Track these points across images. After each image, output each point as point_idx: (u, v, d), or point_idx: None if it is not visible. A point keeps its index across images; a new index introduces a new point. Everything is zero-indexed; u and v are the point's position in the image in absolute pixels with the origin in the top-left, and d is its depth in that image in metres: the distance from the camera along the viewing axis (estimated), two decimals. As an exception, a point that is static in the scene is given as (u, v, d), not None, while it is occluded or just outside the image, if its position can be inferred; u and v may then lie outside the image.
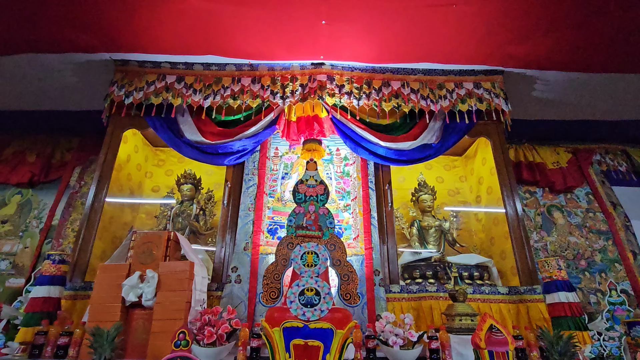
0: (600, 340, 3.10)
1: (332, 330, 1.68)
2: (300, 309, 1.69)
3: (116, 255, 2.58)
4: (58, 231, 3.81)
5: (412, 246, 3.37)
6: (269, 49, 3.23)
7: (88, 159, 4.28)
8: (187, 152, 3.14)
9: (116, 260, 2.54)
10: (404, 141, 3.15)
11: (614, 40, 3.04)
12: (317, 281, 1.76)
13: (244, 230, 2.91)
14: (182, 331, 1.44)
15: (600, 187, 4.25)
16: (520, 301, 2.76)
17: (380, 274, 2.78)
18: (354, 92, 3.20)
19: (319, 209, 2.16)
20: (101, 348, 1.76)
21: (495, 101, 3.28)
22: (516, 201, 3.13)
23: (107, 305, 2.19)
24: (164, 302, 2.21)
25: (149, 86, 3.17)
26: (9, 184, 4.08)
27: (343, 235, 3.01)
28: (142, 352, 2.14)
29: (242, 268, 2.75)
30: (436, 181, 4.07)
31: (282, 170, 3.26)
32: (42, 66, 3.40)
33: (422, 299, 2.76)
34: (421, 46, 3.23)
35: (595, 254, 3.85)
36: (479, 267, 3.09)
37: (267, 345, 1.73)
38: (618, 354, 3.01)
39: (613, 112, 4.04)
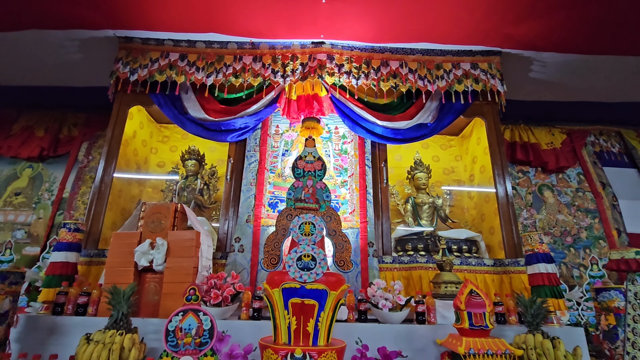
0: (579, 310, 3.32)
1: (326, 291, 1.86)
2: (298, 273, 1.86)
3: (127, 224, 2.76)
4: (69, 203, 3.99)
5: (406, 221, 3.54)
6: (270, 27, 3.28)
7: (95, 134, 4.41)
8: (191, 129, 3.26)
9: (127, 229, 2.72)
10: (400, 120, 3.26)
11: (610, 22, 3.09)
12: (314, 248, 1.93)
13: (246, 203, 3.08)
14: (193, 287, 1.62)
15: (592, 167, 4.38)
16: (504, 272, 2.96)
17: (374, 246, 2.97)
18: (353, 71, 3.28)
19: (317, 183, 2.31)
20: (119, 305, 1.96)
21: (491, 82, 3.36)
22: (506, 180, 3.27)
23: (121, 269, 2.39)
24: (173, 267, 2.40)
25: (153, 63, 3.25)
26: (19, 157, 4.23)
27: (340, 210, 3.18)
28: (154, 311, 2.36)
29: (244, 239, 2.94)
30: (432, 160, 4.21)
31: (283, 148, 3.39)
32: (47, 42, 3.47)
33: (413, 269, 2.96)
34: (420, 26, 3.27)
35: (582, 231, 4.03)
36: (468, 242, 3.28)
37: (268, 303, 1.92)
38: (594, 322, 3.23)
39: (608, 93, 4.11)
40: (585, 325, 3.00)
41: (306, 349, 1.74)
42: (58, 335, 2.21)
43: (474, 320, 1.96)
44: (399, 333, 2.23)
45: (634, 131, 4.66)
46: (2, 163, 4.22)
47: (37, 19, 3.19)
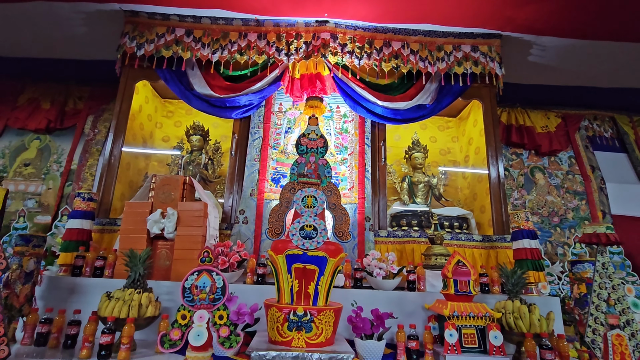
0: (559, 284, 3.56)
1: (326, 257, 2.04)
2: (300, 241, 2.03)
3: (138, 195, 2.91)
4: (77, 175, 4.13)
5: (401, 199, 3.71)
6: (275, 4, 3.31)
7: (100, 107, 4.49)
8: (197, 105, 3.36)
9: (139, 199, 2.88)
10: (400, 101, 3.36)
11: (610, 8, 3.15)
12: (315, 219, 2.09)
13: (250, 178, 3.23)
14: (207, 250, 1.79)
15: (583, 151, 4.53)
16: (491, 247, 3.17)
17: (370, 221, 3.15)
18: (355, 51, 3.35)
19: (319, 159, 2.44)
20: (135, 267, 2.14)
21: (490, 65, 3.44)
22: (499, 161, 3.42)
23: (134, 236, 2.56)
24: (183, 235, 2.57)
25: (159, 39, 3.31)
26: (27, 129, 4.32)
27: (339, 186, 3.33)
28: (166, 275, 2.55)
29: (248, 211, 3.11)
30: (430, 140, 4.34)
31: (286, 125, 3.50)
32: (53, 15, 3.50)
33: (406, 243, 3.16)
34: (423, 7, 3.32)
35: (569, 212, 4.23)
36: (459, 219, 3.46)
37: (272, 268, 2.11)
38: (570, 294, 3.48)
39: (605, 79, 4.20)
40: (563, 297, 3.23)
41: (307, 308, 1.94)
42: (78, 294, 2.40)
43: (459, 287, 2.16)
44: (391, 298, 2.44)
45: (627, 117, 4.78)
46: (10, 134, 4.32)
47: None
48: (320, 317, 1.94)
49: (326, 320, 1.95)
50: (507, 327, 2.12)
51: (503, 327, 2.13)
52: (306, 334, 1.90)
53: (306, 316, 1.92)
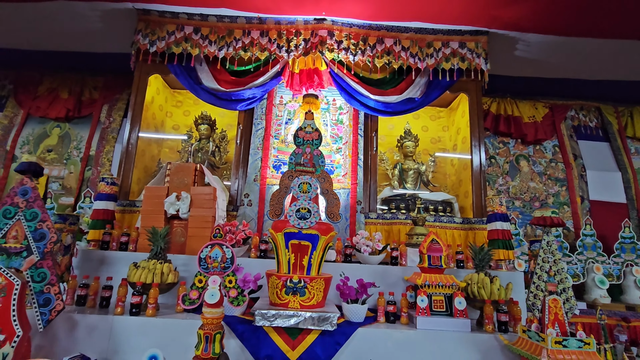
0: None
1: (318, 235, 2.40)
2: (296, 221, 2.39)
3: (155, 180, 3.28)
4: (96, 160, 4.50)
5: (392, 185, 4.05)
6: (276, 3, 3.56)
7: (113, 97, 4.81)
8: (205, 98, 3.67)
9: (156, 184, 3.24)
10: (391, 95, 3.64)
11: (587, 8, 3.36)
12: (309, 203, 2.44)
13: (254, 165, 3.58)
14: (218, 227, 2.15)
15: (568, 140, 4.80)
16: (470, 229, 3.52)
17: (361, 204, 3.51)
18: (351, 47, 3.61)
19: (314, 150, 2.77)
20: (157, 242, 2.52)
21: (476, 61, 3.69)
22: (481, 150, 3.73)
23: (153, 216, 2.94)
24: (196, 216, 2.95)
25: (170, 36, 3.59)
26: (47, 117, 4.67)
27: (334, 173, 3.68)
28: (181, 249, 2.94)
29: (252, 195, 3.47)
30: (421, 130, 4.63)
31: (286, 116, 3.81)
32: (72, 12, 3.76)
33: (393, 224, 3.52)
34: (414, 5, 3.54)
35: (549, 197, 4.55)
36: (444, 203, 3.80)
37: (272, 244, 2.48)
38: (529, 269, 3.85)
39: (588, 72, 4.42)
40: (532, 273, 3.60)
41: (301, 277, 2.32)
42: (107, 264, 2.81)
43: (432, 261, 2.53)
44: (376, 271, 2.82)
45: (612, 107, 5.00)
46: (32, 122, 4.68)
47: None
48: (312, 284, 2.32)
49: (317, 287, 2.33)
50: (471, 295, 2.49)
51: (468, 296, 2.51)
52: (300, 297, 2.29)
53: (300, 283, 2.30)
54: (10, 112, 4.71)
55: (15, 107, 4.73)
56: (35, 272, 1.98)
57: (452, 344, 2.26)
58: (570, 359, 1.78)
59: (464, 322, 2.33)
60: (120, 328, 2.22)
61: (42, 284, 1.97)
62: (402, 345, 2.25)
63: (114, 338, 2.20)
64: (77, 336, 2.19)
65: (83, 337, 2.19)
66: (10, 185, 4.42)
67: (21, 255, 1.99)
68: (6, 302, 1.85)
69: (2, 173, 4.44)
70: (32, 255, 1.99)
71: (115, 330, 2.21)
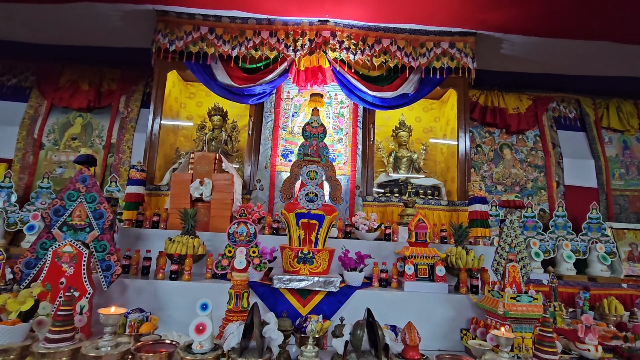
0: (511, 240, 4.44)
1: (323, 215, 2.87)
2: (306, 203, 2.86)
3: (180, 168, 3.73)
4: (117, 147, 4.91)
5: (387, 171, 4.52)
6: (284, 6, 3.91)
7: (130, 89, 5.17)
8: (219, 92, 4.06)
9: (181, 172, 3.69)
10: (387, 91, 4.06)
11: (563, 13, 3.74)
12: (316, 188, 2.90)
13: (265, 154, 4.02)
14: (243, 208, 2.61)
15: (548, 130, 5.25)
16: (454, 210, 4.02)
17: (360, 188, 3.98)
18: (351, 47, 4.00)
19: (319, 143, 3.21)
20: (187, 220, 2.99)
21: (464, 60, 4.09)
22: (466, 140, 4.19)
23: (180, 199, 3.40)
24: (217, 199, 3.42)
25: (187, 36, 3.94)
26: (70, 108, 5.04)
27: (335, 161, 4.13)
28: (205, 227, 3.42)
29: (264, 180, 3.93)
30: (415, 120, 5.07)
31: (293, 110, 4.23)
32: (95, 13, 4.09)
33: (387, 206, 4.01)
34: (409, 9, 3.91)
35: (529, 182, 5.04)
36: (432, 187, 4.29)
37: (285, 223, 2.95)
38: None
39: (569, 68, 4.83)
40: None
41: (310, 249, 2.81)
42: (142, 240, 3.29)
43: (418, 237, 3.03)
44: (371, 246, 3.32)
45: (591, 99, 5.44)
46: (56, 112, 5.05)
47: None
48: (319, 255, 2.82)
49: (323, 258, 2.83)
50: (450, 264, 3.01)
51: (448, 265, 3.02)
52: (309, 266, 2.79)
53: (309, 254, 2.80)
54: (35, 102, 5.07)
55: (39, 98, 5.09)
56: (97, 244, 2.45)
57: (433, 303, 2.78)
58: (521, 309, 2.30)
59: (443, 285, 2.85)
60: (163, 290, 2.72)
61: (103, 254, 2.45)
62: (392, 304, 2.77)
63: (157, 298, 2.70)
64: (128, 296, 2.68)
65: (132, 297, 2.69)
66: (39, 170, 4.85)
67: (85, 230, 2.46)
68: (78, 267, 2.33)
69: (32, 159, 4.85)
70: (94, 230, 2.46)
71: (159, 291, 2.71)
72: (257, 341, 1.89)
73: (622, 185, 5.13)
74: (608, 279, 4.32)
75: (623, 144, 5.31)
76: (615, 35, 4.00)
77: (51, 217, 2.43)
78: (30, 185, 4.76)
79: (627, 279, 4.46)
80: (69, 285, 2.23)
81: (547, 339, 1.99)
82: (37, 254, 2.38)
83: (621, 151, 5.27)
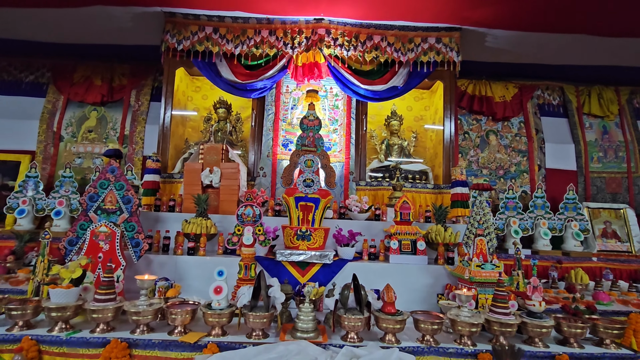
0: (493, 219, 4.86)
1: (319, 199, 3.29)
2: (303, 188, 3.27)
3: (191, 158, 4.14)
4: (130, 139, 5.32)
5: (379, 158, 4.91)
6: (282, 6, 4.22)
7: (140, 83, 5.52)
8: (224, 88, 4.43)
9: (192, 161, 4.11)
10: (378, 84, 4.40)
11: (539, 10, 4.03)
12: (312, 175, 3.31)
13: (267, 143, 4.42)
14: (250, 193, 3.03)
15: (532, 117, 5.59)
16: (439, 193, 4.44)
17: (353, 174, 4.39)
18: (345, 44, 4.32)
19: (315, 134, 3.60)
20: (201, 205, 3.42)
21: (450, 54, 4.41)
22: (451, 127, 4.57)
23: (193, 186, 3.83)
24: (225, 185, 3.84)
25: (194, 36, 4.28)
26: (85, 102, 5.42)
27: (331, 149, 4.53)
28: (215, 210, 3.86)
29: (266, 168, 4.35)
30: (406, 109, 5.42)
31: (291, 103, 4.60)
32: (106, 14, 4.41)
33: (378, 190, 4.43)
34: (398, 7, 4.20)
35: (512, 166, 5.42)
36: (421, 172, 4.69)
37: (286, 205, 3.38)
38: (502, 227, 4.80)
39: (551, 59, 5.12)
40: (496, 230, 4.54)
41: (308, 228, 3.25)
42: (161, 222, 3.73)
43: (402, 217, 3.45)
44: (362, 225, 3.75)
45: (574, 87, 5.74)
46: (73, 106, 5.44)
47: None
48: (316, 233, 3.25)
49: (319, 235, 3.27)
50: (431, 240, 3.44)
51: (429, 240, 3.46)
52: (307, 242, 3.23)
53: (307, 232, 3.24)
54: (52, 97, 5.46)
55: (56, 93, 5.47)
56: (127, 224, 2.90)
57: (414, 272, 3.23)
58: (485, 275, 2.74)
59: (423, 258, 3.29)
60: (182, 264, 3.18)
61: (132, 233, 2.89)
62: (379, 274, 3.22)
63: (178, 270, 3.17)
64: (153, 269, 3.15)
65: (157, 270, 3.15)
66: (60, 160, 5.27)
67: (116, 213, 2.90)
68: (112, 244, 2.78)
69: (52, 151, 5.28)
70: (124, 213, 2.90)
71: (179, 265, 3.18)
72: (264, 300, 2.35)
73: (600, 167, 5.50)
74: (580, 254, 4.74)
75: (602, 129, 5.64)
76: (589, 28, 4.29)
77: (87, 203, 2.87)
78: (53, 175, 5.20)
79: (599, 253, 4.89)
80: (108, 258, 2.69)
81: (500, 297, 2.43)
82: (77, 234, 2.83)
83: (600, 136, 5.61)
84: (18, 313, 2.27)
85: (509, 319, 2.34)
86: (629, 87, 5.74)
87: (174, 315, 2.27)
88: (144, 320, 2.29)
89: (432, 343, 2.30)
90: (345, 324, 2.28)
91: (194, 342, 2.18)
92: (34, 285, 2.65)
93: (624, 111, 5.68)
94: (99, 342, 2.19)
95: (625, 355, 2.34)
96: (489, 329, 2.39)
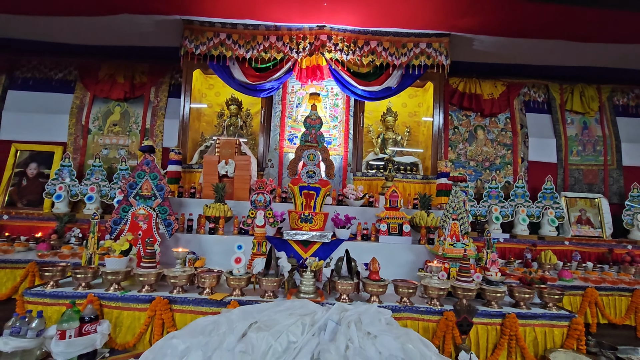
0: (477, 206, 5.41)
1: (320, 187, 3.86)
2: (306, 178, 3.84)
3: (209, 151, 4.71)
4: (151, 132, 5.89)
5: (375, 151, 5.46)
6: (288, 15, 4.70)
7: (158, 80, 6.06)
8: (236, 88, 4.96)
9: (209, 154, 4.69)
10: (374, 85, 4.90)
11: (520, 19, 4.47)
12: (314, 167, 3.88)
13: (274, 138, 4.97)
14: (261, 182, 3.61)
15: (518, 113, 6.06)
16: (427, 183, 4.99)
17: (351, 166, 4.95)
18: (344, 49, 4.81)
19: (317, 132, 4.14)
20: (219, 192, 4.01)
21: (439, 57, 4.89)
22: (440, 125, 5.07)
23: (211, 175, 4.42)
24: (239, 175, 4.42)
25: (209, 41, 4.79)
26: (109, 98, 5.98)
27: (331, 144, 5.07)
28: (230, 197, 4.46)
29: (274, 159, 4.91)
30: (401, 106, 5.92)
31: (296, 101, 5.12)
32: (131, 21, 4.91)
33: (373, 180, 4.98)
34: (392, 15, 4.67)
35: (497, 159, 5.94)
36: (412, 164, 5.23)
37: (291, 193, 3.95)
38: (485, 214, 5.36)
39: (535, 60, 5.56)
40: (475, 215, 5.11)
41: (310, 212, 3.83)
42: (184, 207, 4.33)
43: (391, 204, 4.02)
44: (357, 210, 4.33)
45: (558, 85, 6.18)
46: (98, 102, 6.00)
47: (129, 8, 4.63)
48: (317, 217, 3.84)
49: (320, 219, 3.85)
50: (415, 224, 4.01)
51: (414, 224, 4.03)
52: (309, 224, 3.82)
53: (309, 216, 3.82)
54: (80, 93, 6.02)
55: (83, 90, 6.03)
56: (160, 208, 3.50)
57: (400, 250, 3.81)
58: (456, 252, 3.31)
59: (408, 239, 3.87)
60: (204, 241, 3.79)
61: (165, 215, 3.50)
62: (369, 251, 3.79)
63: (201, 246, 3.78)
64: (181, 245, 3.75)
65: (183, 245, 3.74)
66: (89, 151, 5.87)
67: (151, 199, 3.50)
68: (149, 224, 3.39)
69: (82, 142, 5.87)
70: (157, 199, 3.50)
71: (202, 242, 3.79)
72: (274, 268, 2.96)
73: (579, 160, 5.99)
74: (554, 238, 5.30)
75: (583, 124, 6.11)
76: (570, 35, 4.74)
77: (127, 190, 3.47)
78: (83, 164, 5.81)
79: (572, 238, 5.44)
80: (147, 236, 3.31)
81: (464, 268, 3.02)
82: (120, 215, 3.44)
83: (580, 131, 6.09)
84: (82, 276, 2.90)
85: (470, 285, 2.93)
86: (610, 85, 6.17)
87: (203, 279, 2.89)
88: (180, 283, 2.91)
89: (408, 303, 2.90)
90: (338, 287, 2.88)
91: (220, 299, 2.80)
92: (87, 257, 3.28)
93: (604, 108, 6.13)
94: (146, 299, 2.81)
95: (562, 315, 2.93)
96: (455, 294, 2.98)
